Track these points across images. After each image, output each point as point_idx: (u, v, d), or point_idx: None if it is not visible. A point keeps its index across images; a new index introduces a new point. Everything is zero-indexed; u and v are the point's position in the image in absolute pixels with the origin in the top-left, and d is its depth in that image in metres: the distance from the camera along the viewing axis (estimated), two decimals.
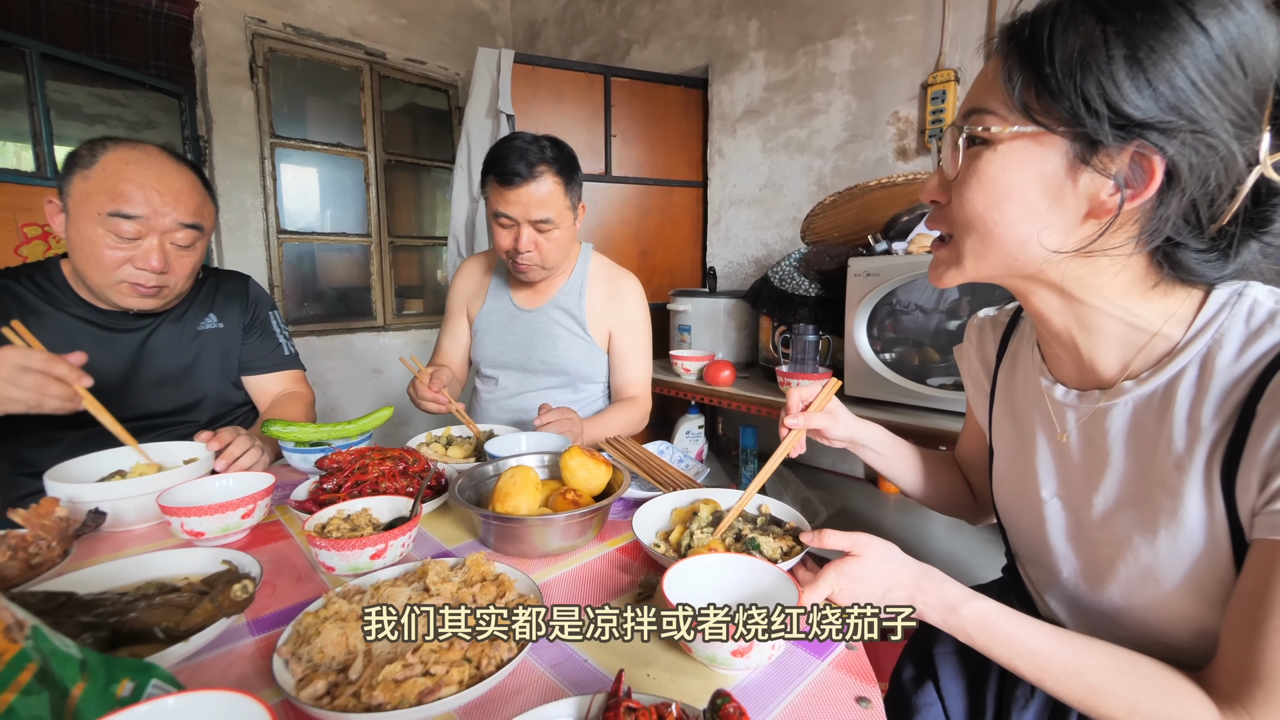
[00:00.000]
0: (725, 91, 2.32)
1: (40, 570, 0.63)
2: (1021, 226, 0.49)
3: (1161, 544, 0.51)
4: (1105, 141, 0.44)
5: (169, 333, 1.15)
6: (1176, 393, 0.50)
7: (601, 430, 1.25)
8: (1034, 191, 0.47)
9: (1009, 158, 0.48)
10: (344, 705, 0.44)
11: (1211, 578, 0.49)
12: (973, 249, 0.52)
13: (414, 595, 0.56)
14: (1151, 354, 0.52)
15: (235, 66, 2.49)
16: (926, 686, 0.73)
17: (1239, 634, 0.45)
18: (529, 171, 1.14)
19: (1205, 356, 0.49)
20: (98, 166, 0.97)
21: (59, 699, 0.37)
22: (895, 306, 1.32)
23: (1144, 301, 0.51)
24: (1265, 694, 0.43)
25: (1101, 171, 0.45)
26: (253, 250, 2.63)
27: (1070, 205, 0.47)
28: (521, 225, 1.18)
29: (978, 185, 0.50)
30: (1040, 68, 0.45)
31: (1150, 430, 0.52)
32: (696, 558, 0.62)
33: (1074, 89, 0.43)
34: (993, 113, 0.48)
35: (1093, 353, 0.56)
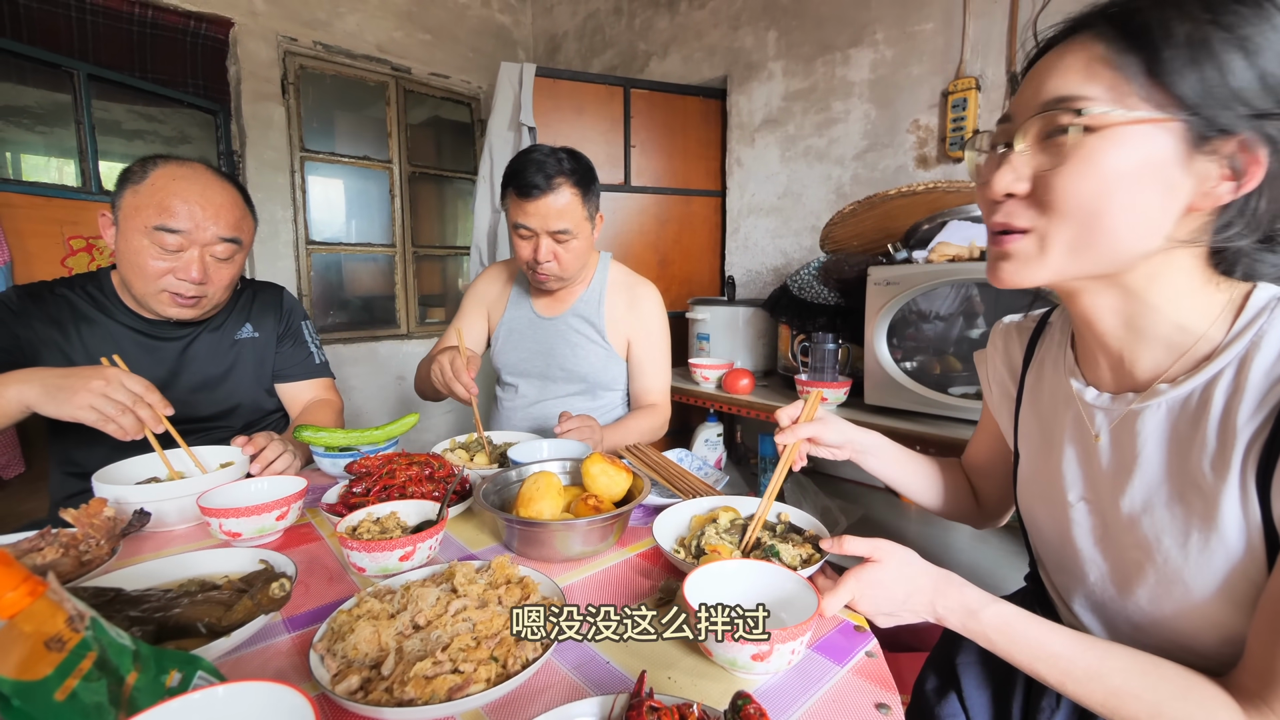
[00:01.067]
0: (744, 101, 2.33)
1: (90, 567, 0.66)
2: (1130, 214, 0.47)
3: (1193, 548, 0.50)
4: (1228, 128, 0.43)
5: (208, 341, 1.20)
6: (1213, 395, 0.50)
7: (621, 437, 1.26)
8: (1145, 179, 0.46)
9: (1121, 144, 0.45)
10: (377, 700, 0.46)
11: (1244, 582, 0.49)
12: (1070, 242, 0.49)
13: (442, 596, 0.57)
14: (1191, 357, 0.52)
15: (268, 84, 2.58)
16: (950, 697, 0.73)
17: (1266, 635, 0.45)
18: (547, 184, 1.16)
19: (1243, 359, 0.49)
20: (147, 182, 1.02)
21: (116, 686, 0.39)
22: (915, 315, 1.31)
23: (1195, 300, 0.51)
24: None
25: (1210, 158, 0.45)
26: (283, 260, 2.71)
27: (1179, 194, 0.46)
28: (540, 236, 1.21)
29: (1085, 173, 0.46)
30: (1158, 51, 0.44)
31: (1185, 433, 0.52)
32: (717, 563, 0.63)
33: (1197, 73, 0.43)
34: (1091, 99, 0.46)
35: (1135, 355, 0.55)
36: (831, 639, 0.63)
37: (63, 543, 0.68)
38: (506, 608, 0.58)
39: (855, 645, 0.62)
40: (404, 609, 0.55)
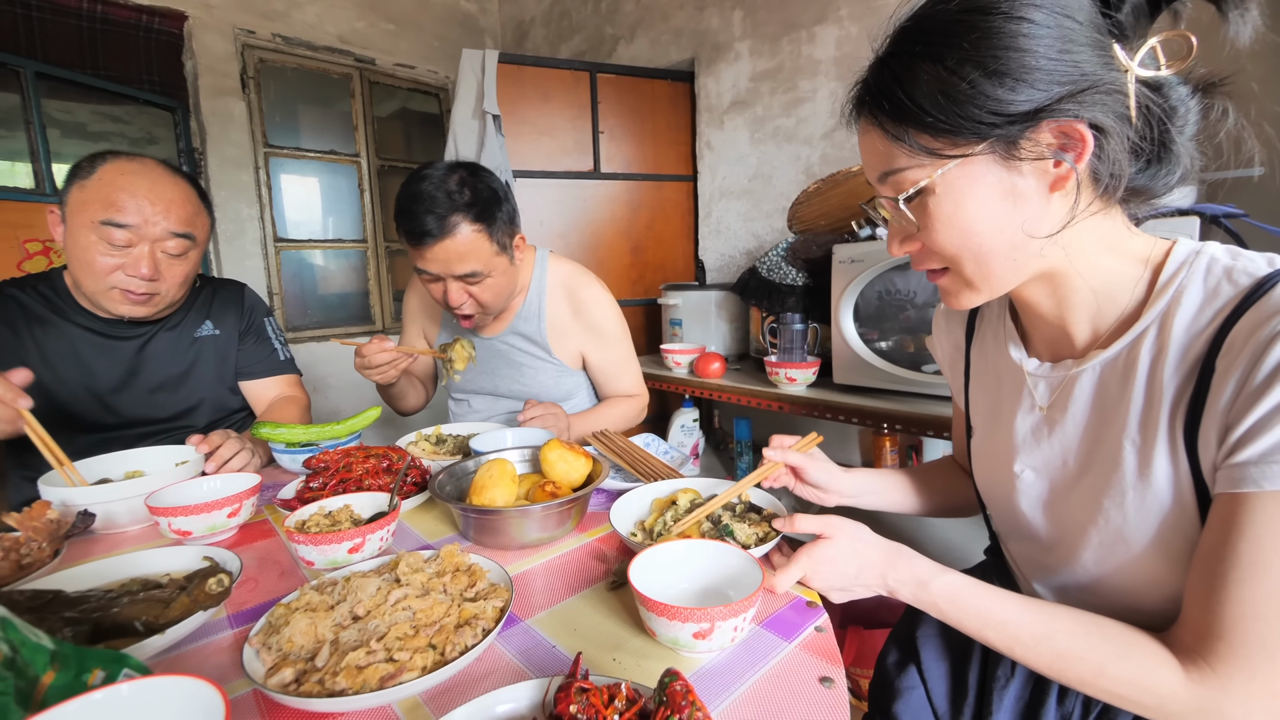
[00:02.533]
0: (712, 83, 2.31)
1: (30, 570, 0.65)
2: (1004, 234, 0.50)
3: (1130, 506, 0.52)
4: (1017, 138, 0.46)
5: (166, 340, 1.17)
6: (1139, 355, 0.51)
7: (591, 425, 1.24)
8: (993, 202, 0.49)
9: (950, 192, 0.50)
10: (309, 691, 0.46)
11: (1179, 536, 0.50)
12: (975, 273, 0.53)
13: (384, 586, 0.57)
14: (1119, 320, 0.54)
15: (226, 78, 2.51)
16: (910, 670, 0.74)
17: (1200, 589, 0.46)
18: (440, 227, 1.00)
19: (1164, 317, 0.50)
20: (94, 177, 0.99)
21: (27, 685, 0.38)
22: (881, 292, 1.32)
23: (1117, 263, 0.53)
24: (1226, 647, 0.44)
25: (1034, 157, 0.47)
26: (251, 259, 2.66)
27: (1031, 193, 0.49)
28: (447, 280, 1.06)
29: (942, 227, 0.51)
30: (920, 120, 0.48)
31: (1115, 394, 0.53)
32: (664, 544, 0.63)
33: (959, 119, 0.46)
34: (905, 169, 0.51)
35: (1071, 325, 0.57)
36: (783, 615, 0.63)
37: (4, 547, 0.67)
38: (451, 596, 0.57)
39: (806, 621, 0.62)
40: (343, 600, 0.55)
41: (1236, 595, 0.43)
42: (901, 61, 0.49)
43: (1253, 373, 0.43)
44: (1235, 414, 0.44)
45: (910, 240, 0.56)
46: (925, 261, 0.57)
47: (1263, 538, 0.42)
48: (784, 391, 1.47)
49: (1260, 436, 0.42)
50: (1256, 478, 0.42)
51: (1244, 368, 0.44)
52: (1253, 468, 0.42)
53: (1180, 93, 0.48)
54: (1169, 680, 0.46)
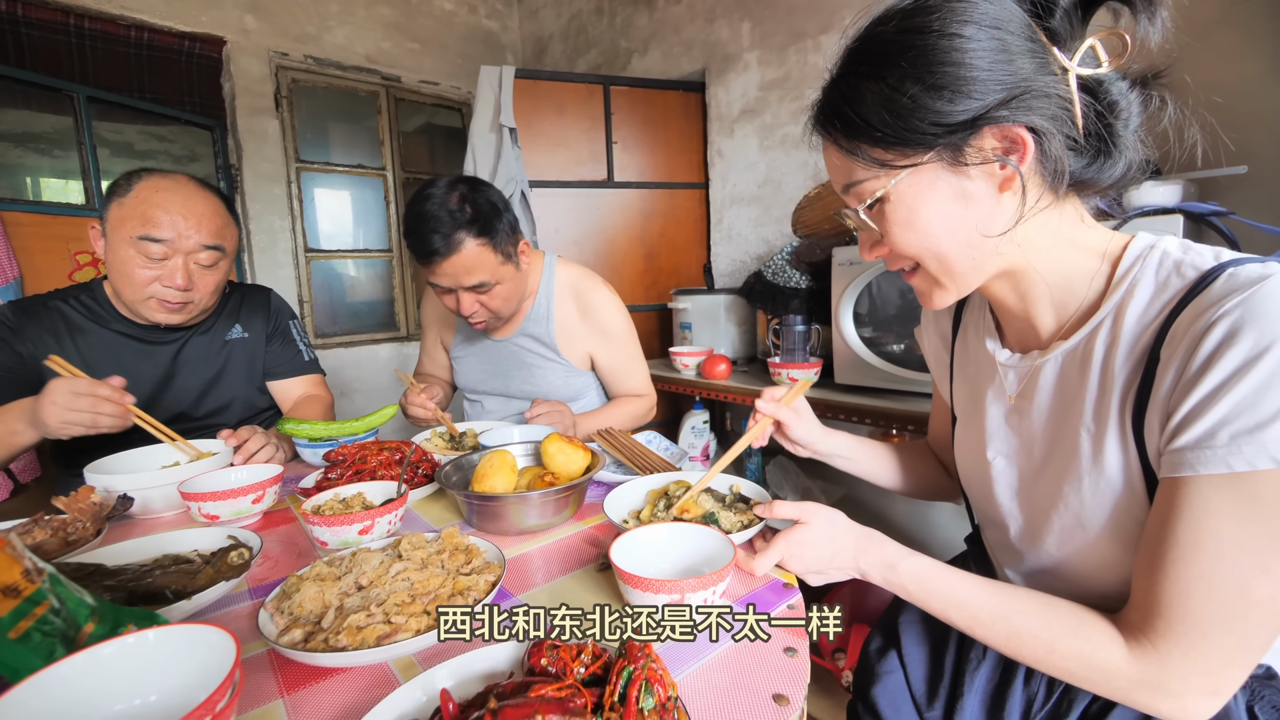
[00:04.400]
0: (722, 93, 2.36)
1: (75, 546, 0.72)
2: (959, 234, 0.53)
3: (1086, 491, 0.54)
4: (961, 146, 0.49)
5: (199, 344, 1.26)
6: (1094, 346, 0.53)
7: (598, 423, 1.28)
8: (944, 206, 0.52)
9: (904, 199, 0.53)
10: (315, 648, 0.51)
11: (1130, 520, 0.52)
12: (940, 271, 0.56)
13: (386, 560, 0.62)
14: (1079, 312, 0.56)
15: (261, 98, 2.66)
16: (890, 655, 0.76)
17: (1143, 570, 0.48)
18: (445, 246, 1.07)
19: (1119, 308, 0.52)
20: (131, 195, 1.07)
21: (71, 632, 0.44)
22: (881, 294, 1.34)
23: (1075, 258, 0.55)
24: (1165, 624, 0.46)
25: (980, 162, 0.50)
26: (283, 269, 2.79)
27: (980, 195, 0.52)
28: (459, 291, 1.14)
29: (901, 231, 0.55)
30: (870, 134, 0.52)
31: (1074, 383, 0.56)
32: (646, 528, 0.67)
33: (904, 131, 0.50)
34: (862, 180, 0.54)
35: (1036, 318, 0.59)
36: (760, 594, 0.66)
37: (53, 526, 0.74)
38: (447, 570, 0.62)
39: (781, 600, 0.65)
40: (349, 572, 0.60)
41: (1174, 575, 0.45)
42: (849, 81, 0.53)
43: (1189, 361, 0.45)
44: (1174, 401, 0.46)
45: (878, 246, 0.59)
46: (896, 263, 0.60)
47: (1198, 520, 0.44)
48: None
49: (1195, 423, 0.44)
50: (1193, 462, 0.44)
51: (1182, 356, 0.46)
52: (1189, 453, 0.44)
53: (1119, 87, 0.51)
54: (1114, 656, 0.48)
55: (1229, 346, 0.42)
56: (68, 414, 0.89)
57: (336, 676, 0.52)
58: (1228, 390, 0.42)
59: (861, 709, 0.75)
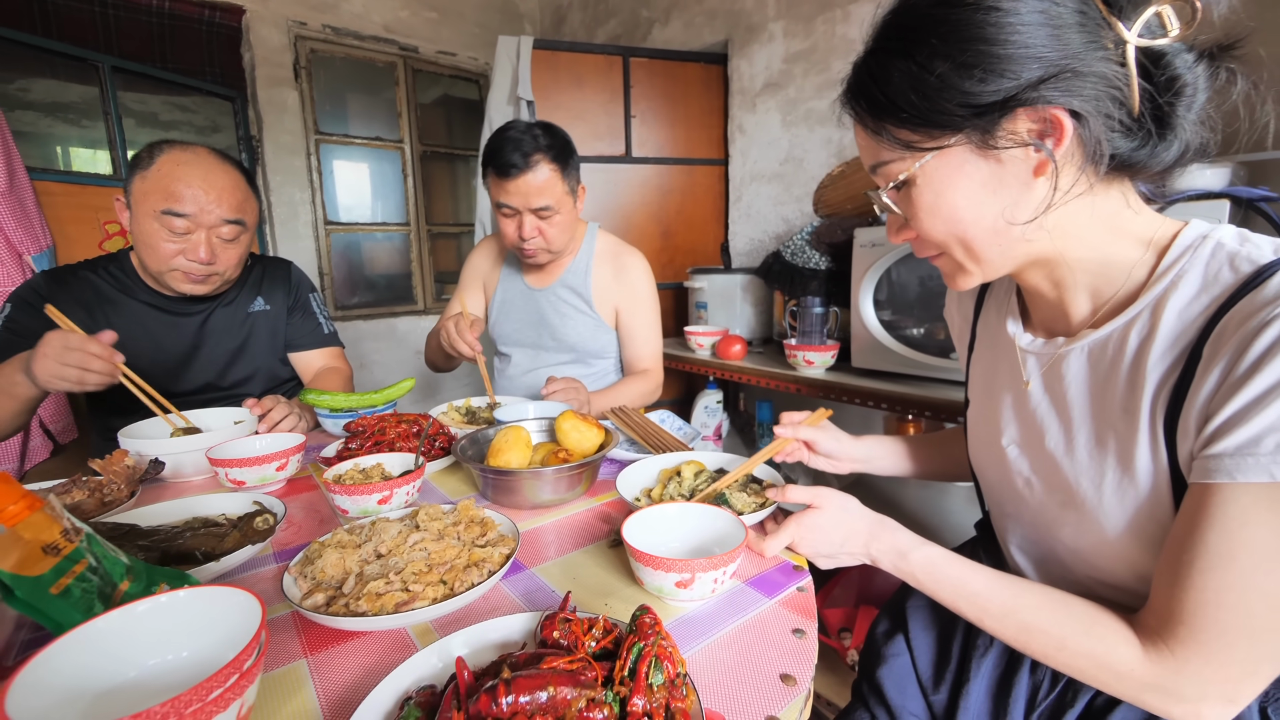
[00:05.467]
0: (745, 66, 2.30)
1: (111, 507, 0.75)
2: (985, 221, 0.51)
3: (1108, 490, 0.52)
4: (991, 128, 0.47)
5: (224, 315, 1.29)
6: (1128, 338, 0.51)
7: (610, 401, 1.31)
8: (972, 191, 0.50)
9: (931, 183, 0.51)
10: (336, 612, 0.53)
11: (1152, 522, 0.50)
12: (966, 257, 0.55)
13: (404, 530, 0.64)
14: (1115, 301, 0.54)
15: (280, 68, 2.65)
16: (897, 638, 0.77)
17: (1166, 574, 0.47)
18: (524, 162, 1.18)
19: (1158, 301, 0.49)
20: (154, 168, 1.09)
21: (108, 589, 0.46)
22: (902, 277, 1.31)
23: (1117, 244, 0.52)
24: (1186, 631, 0.45)
25: (1011, 145, 0.47)
26: (303, 241, 2.82)
27: (1010, 180, 0.49)
28: (523, 214, 1.23)
29: (926, 216, 0.53)
30: (896, 115, 0.50)
31: (1102, 376, 0.53)
32: (657, 507, 0.68)
33: (931, 112, 0.48)
34: (889, 162, 0.53)
35: (1067, 304, 0.57)
36: (769, 575, 0.67)
37: (90, 487, 0.77)
38: (463, 542, 0.64)
39: (790, 581, 0.66)
40: (369, 540, 0.62)
41: (1200, 583, 0.44)
42: (877, 58, 0.51)
43: (1237, 362, 0.42)
44: (1216, 404, 0.43)
45: (905, 229, 0.57)
46: (922, 247, 0.59)
47: (1231, 530, 0.42)
48: (802, 374, 1.49)
49: (1238, 428, 0.41)
50: (1230, 469, 0.42)
51: (1229, 356, 0.43)
52: (1228, 459, 0.42)
53: (1184, 60, 0.46)
54: (1127, 657, 0.47)
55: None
56: (57, 368, 0.89)
57: (357, 639, 0.54)
58: (1278, 396, 0.40)
59: (866, 689, 0.77)
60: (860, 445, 0.82)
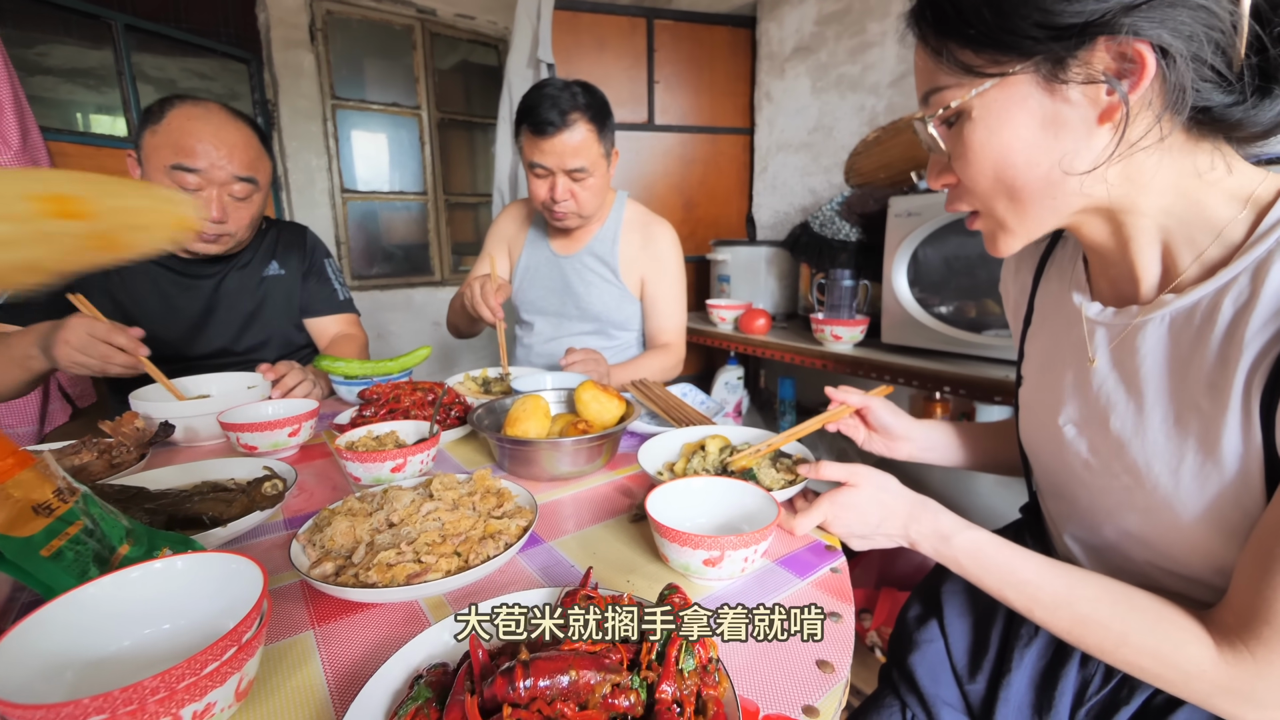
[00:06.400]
0: (774, 29, 2.19)
1: (120, 469, 0.73)
2: (1039, 168, 0.46)
3: (1185, 473, 0.47)
4: (1065, 58, 0.41)
5: (238, 279, 1.26)
6: (1222, 305, 0.45)
7: (630, 374, 1.27)
8: (1030, 131, 0.45)
9: (986, 116, 0.46)
10: (345, 582, 0.50)
11: (1237, 510, 0.45)
12: (1010, 211, 0.49)
13: (417, 499, 0.61)
14: (1203, 263, 0.47)
15: (296, 30, 2.60)
16: (930, 623, 0.73)
17: (1253, 569, 0.42)
18: (562, 120, 1.13)
19: (1260, 264, 0.43)
20: (165, 122, 1.06)
21: (105, 552, 0.44)
22: (938, 249, 1.24)
23: (1207, 189, 0.46)
24: (1272, 633, 0.40)
25: (1084, 80, 0.42)
26: (319, 209, 2.80)
27: (1075, 123, 0.44)
28: (556, 174, 1.19)
29: (975, 157, 0.48)
30: (962, 32, 0.45)
31: (1187, 348, 0.47)
32: (682, 480, 0.64)
33: (1001, 32, 0.42)
34: (944, 88, 0.48)
35: (1135, 263, 0.51)
36: (800, 555, 0.63)
37: (99, 449, 0.76)
38: (479, 513, 0.61)
39: (822, 562, 0.62)
40: (381, 509, 0.59)
41: None
42: None
43: None
44: None
45: (947, 172, 0.52)
46: (959, 199, 0.53)
47: None
48: (829, 349, 1.43)
49: None
50: None
51: None
52: None
53: None
54: (1198, 657, 0.43)
55: None
56: (80, 356, 0.88)
57: (366, 611, 0.51)
58: None
59: (897, 675, 0.73)
60: (920, 428, 0.76)
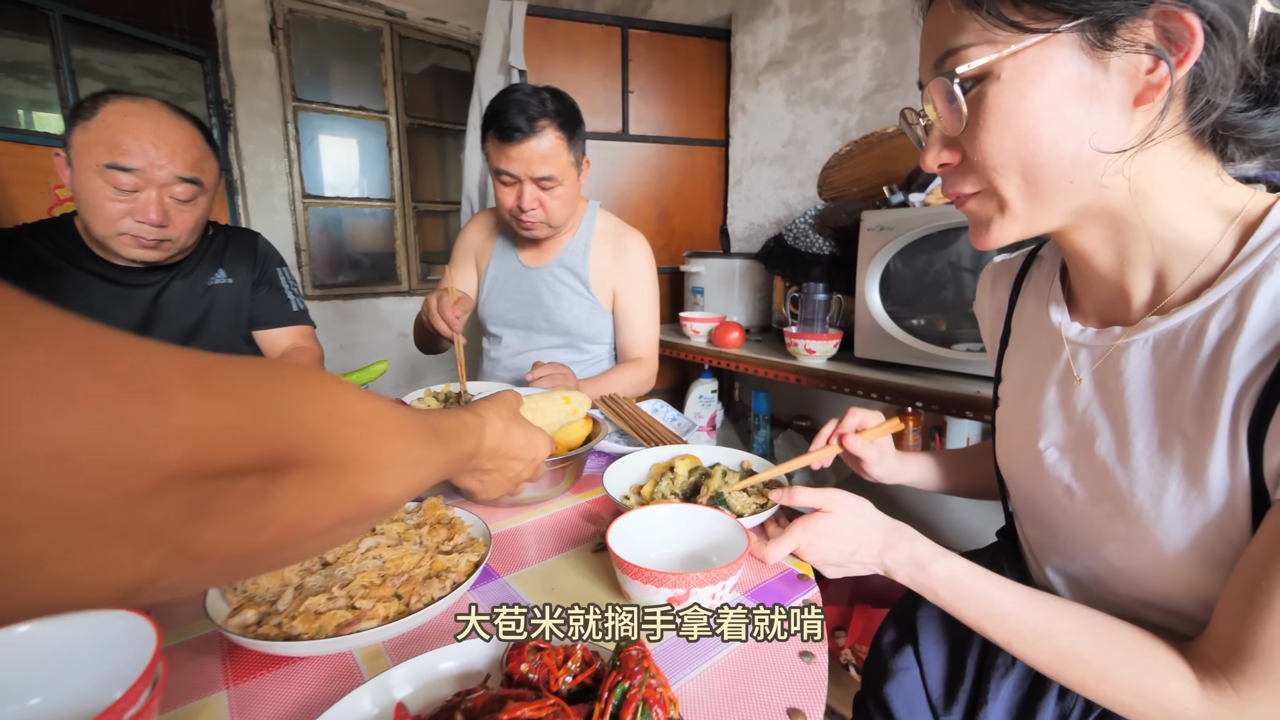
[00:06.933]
0: (749, 42, 2.20)
1: None
2: (1066, 144, 0.42)
3: (1169, 503, 0.45)
4: (1115, 22, 0.38)
5: (180, 288, 1.18)
6: (1207, 327, 0.43)
7: (601, 389, 1.23)
8: (1065, 100, 0.41)
9: (1018, 80, 0.41)
10: (266, 634, 0.44)
11: (1222, 541, 0.43)
12: (1020, 192, 0.45)
13: None
14: (1190, 284, 0.45)
15: (255, 28, 2.50)
16: (906, 650, 0.71)
17: (1237, 603, 0.40)
18: (530, 126, 1.09)
19: (1247, 286, 0.41)
20: (97, 118, 0.98)
21: None
22: (912, 264, 1.24)
23: (1196, 215, 0.44)
24: (1257, 670, 0.38)
25: (1131, 48, 0.39)
26: (279, 214, 2.69)
27: (1112, 97, 0.40)
28: (524, 183, 1.14)
29: (998, 124, 0.43)
30: None
31: (1172, 372, 0.45)
32: (646, 509, 0.60)
33: None
34: (974, 44, 0.42)
35: (1129, 282, 0.49)
36: (772, 585, 0.60)
37: None
38: (425, 547, 0.56)
39: (795, 593, 0.59)
40: None
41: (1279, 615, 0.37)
42: None
43: None
44: None
45: (951, 148, 0.47)
46: (961, 180, 0.48)
47: None
48: (802, 364, 1.41)
49: None
50: None
51: None
52: None
53: None
54: (1180, 694, 0.41)
55: None
56: None
57: (291, 666, 0.45)
58: None
59: (872, 705, 0.70)
60: (910, 467, 0.76)
